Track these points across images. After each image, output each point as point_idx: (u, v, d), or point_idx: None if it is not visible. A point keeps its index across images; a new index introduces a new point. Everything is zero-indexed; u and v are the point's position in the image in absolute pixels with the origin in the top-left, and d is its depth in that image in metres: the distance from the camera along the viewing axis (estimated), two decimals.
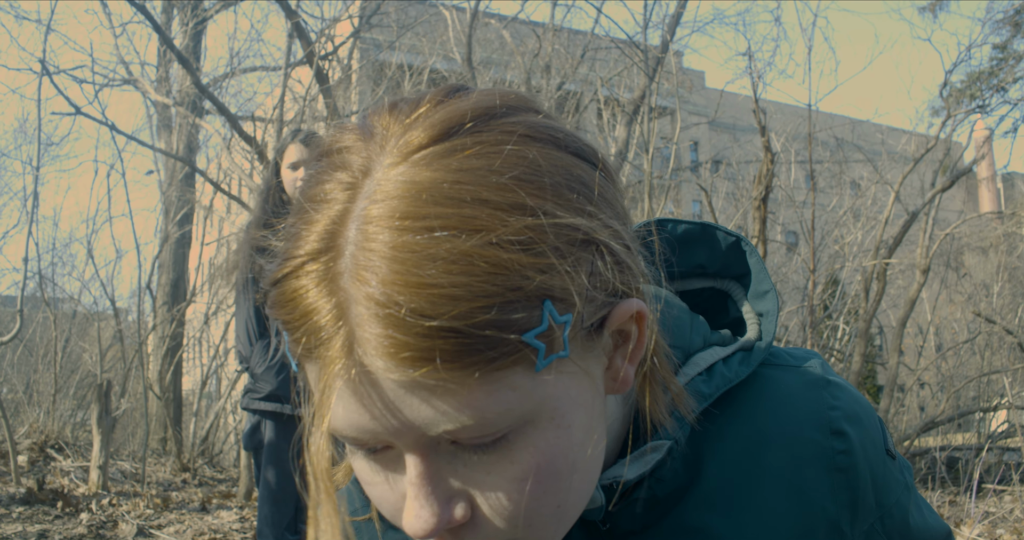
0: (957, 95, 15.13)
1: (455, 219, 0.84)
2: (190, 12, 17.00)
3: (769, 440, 1.20)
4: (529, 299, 0.86)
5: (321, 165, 0.96)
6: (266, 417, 5.70)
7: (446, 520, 0.93)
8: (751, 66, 10.66)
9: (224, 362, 18.08)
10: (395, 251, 0.83)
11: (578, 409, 0.96)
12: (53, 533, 7.84)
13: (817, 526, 1.19)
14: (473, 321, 0.83)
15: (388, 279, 0.83)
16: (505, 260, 0.84)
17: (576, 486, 0.98)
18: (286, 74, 12.30)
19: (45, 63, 11.57)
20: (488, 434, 0.89)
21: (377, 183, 0.88)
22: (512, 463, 0.92)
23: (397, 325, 0.82)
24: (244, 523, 8.67)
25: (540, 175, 0.91)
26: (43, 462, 12.34)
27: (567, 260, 0.89)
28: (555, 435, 0.93)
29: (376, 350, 0.84)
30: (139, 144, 17.32)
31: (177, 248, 18.05)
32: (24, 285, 11.58)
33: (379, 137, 0.93)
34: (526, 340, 0.86)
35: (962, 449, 12.03)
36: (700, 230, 1.34)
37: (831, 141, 17.07)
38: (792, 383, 1.25)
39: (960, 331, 18.67)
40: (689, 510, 1.18)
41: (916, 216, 11.45)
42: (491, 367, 0.85)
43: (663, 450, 1.13)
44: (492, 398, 0.87)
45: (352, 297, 0.85)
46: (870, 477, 1.23)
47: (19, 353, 18.95)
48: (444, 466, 0.93)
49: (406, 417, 0.87)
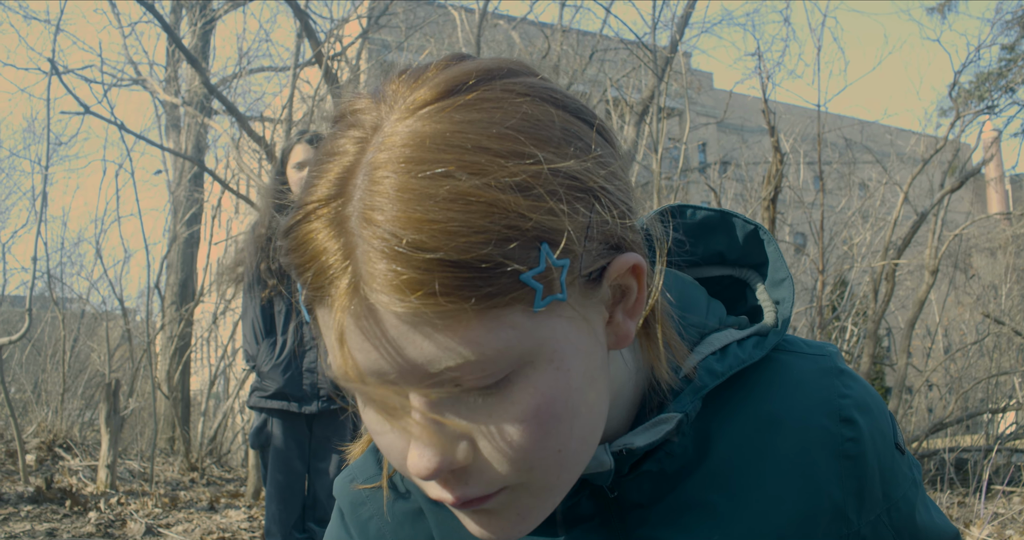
0: (966, 96, 15.11)
1: (456, 163, 0.89)
2: (199, 12, 17.02)
3: (779, 423, 1.22)
4: (526, 239, 0.89)
5: (337, 126, 1.00)
6: (273, 415, 5.72)
7: (449, 461, 0.96)
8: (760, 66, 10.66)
9: (232, 362, 18.09)
10: (399, 192, 0.88)
11: (577, 354, 0.98)
12: (61, 532, 7.86)
13: (821, 511, 1.20)
14: (471, 255, 0.86)
15: (391, 217, 0.87)
16: (502, 201, 0.88)
17: (578, 433, 1.00)
18: (295, 74, 12.31)
19: (54, 63, 11.58)
20: (489, 373, 0.92)
21: (385, 135, 0.93)
22: (512, 404, 0.95)
23: (398, 259, 0.87)
24: (252, 522, 8.67)
25: (538, 128, 0.95)
26: (51, 461, 12.37)
27: (565, 206, 0.93)
28: (554, 377, 0.96)
29: (380, 285, 0.88)
30: (148, 143, 17.38)
31: (185, 248, 18.06)
32: (33, 285, 11.57)
33: (389, 98, 0.98)
34: (524, 280, 0.90)
35: (971, 450, 12.00)
36: (719, 217, 1.35)
37: (840, 142, 17.07)
38: (805, 369, 1.26)
39: (968, 332, 18.64)
40: (695, 486, 1.20)
41: (925, 217, 11.44)
42: (490, 303, 0.89)
43: (673, 422, 1.14)
44: (492, 334, 0.90)
45: (359, 237, 0.90)
46: (878, 467, 1.24)
47: (27, 352, 18.96)
48: (447, 408, 0.96)
49: (409, 354, 0.91)
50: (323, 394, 5.55)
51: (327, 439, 5.70)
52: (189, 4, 17.50)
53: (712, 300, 1.30)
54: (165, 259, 16.85)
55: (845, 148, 16.74)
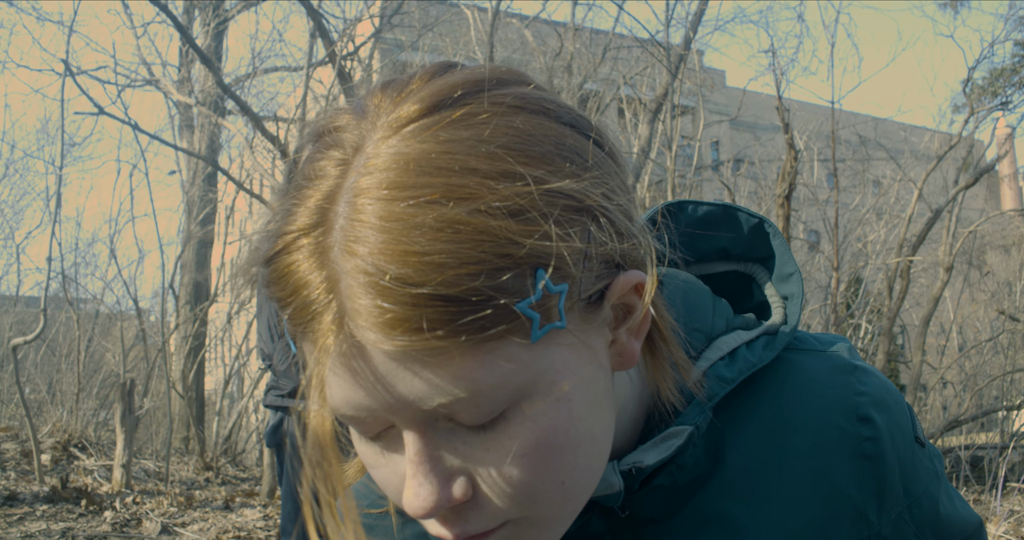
0: (979, 92, 15.05)
1: (443, 188, 0.84)
2: (212, 12, 17.04)
3: (793, 426, 1.18)
4: (520, 267, 0.85)
5: (317, 145, 0.96)
6: (289, 414, 5.72)
7: (446, 498, 0.92)
8: (774, 63, 10.65)
9: (246, 361, 18.11)
10: (382, 221, 0.83)
11: (579, 383, 0.94)
12: (77, 531, 7.87)
13: (841, 514, 1.17)
14: (461, 288, 0.82)
15: (376, 249, 0.83)
16: (493, 227, 0.83)
17: (582, 463, 0.96)
18: (308, 74, 12.32)
19: (68, 64, 11.60)
20: (484, 409, 0.88)
21: (368, 157, 0.88)
22: (511, 438, 0.91)
23: (384, 294, 0.82)
24: (268, 521, 8.69)
25: (530, 144, 0.90)
26: (66, 461, 12.38)
27: (560, 228, 0.88)
28: (555, 409, 0.92)
29: (365, 321, 0.84)
30: (162, 143, 17.41)
31: (199, 248, 18.08)
32: (47, 285, 11.59)
33: (371, 115, 0.93)
34: (519, 309, 0.85)
35: (986, 448, 11.98)
36: (722, 212, 1.32)
37: (854, 139, 17.04)
38: (818, 368, 1.23)
39: (983, 330, 18.59)
40: (710, 498, 1.16)
41: (940, 214, 11.42)
42: (483, 336, 0.84)
43: (684, 436, 1.11)
44: (486, 370, 0.86)
45: (342, 269, 0.85)
46: (898, 465, 1.21)
47: (42, 353, 19.00)
48: (443, 444, 0.92)
49: (399, 392, 0.87)
50: None
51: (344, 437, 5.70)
52: (202, 5, 17.52)
53: (718, 300, 1.27)
54: (179, 259, 16.87)
55: (859, 145, 16.71)
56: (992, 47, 13.08)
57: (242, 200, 20.66)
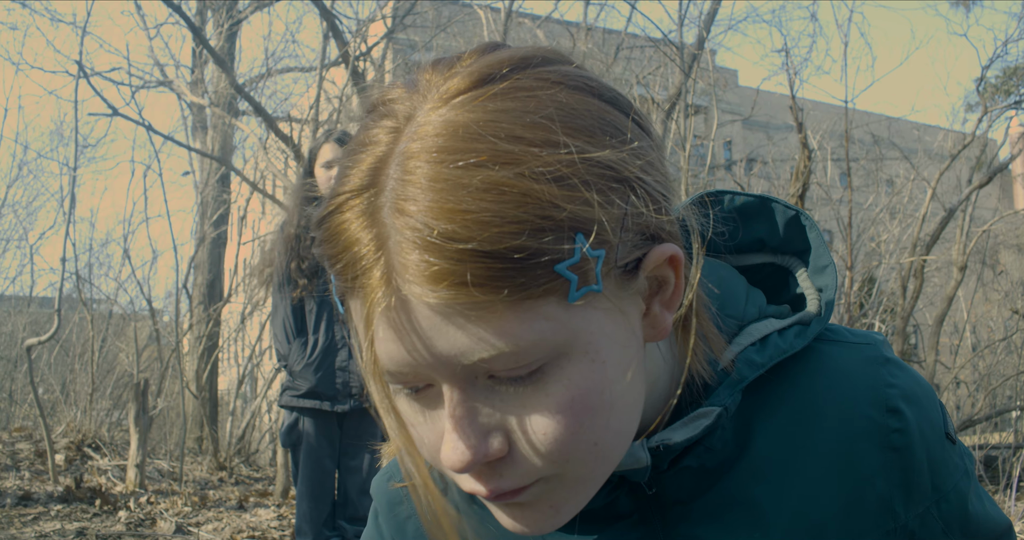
0: (993, 91, 15.01)
1: (489, 153, 0.89)
2: (225, 14, 17.05)
3: (822, 414, 1.19)
4: (560, 230, 0.89)
5: (371, 116, 1.01)
6: (304, 414, 5.74)
7: (483, 453, 0.96)
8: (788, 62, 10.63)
9: (260, 362, 18.12)
10: (431, 182, 0.88)
11: (613, 346, 0.98)
12: (91, 531, 7.88)
13: (866, 503, 1.18)
14: (504, 245, 0.87)
15: (424, 207, 0.88)
16: (536, 190, 0.88)
17: (614, 425, 1.00)
18: (321, 75, 12.33)
19: (82, 65, 11.62)
20: (523, 364, 0.92)
21: (419, 125, 0.93)
22: (547, 395, 0.95)
23: (431, 249, 0.87)
24: (282, 521, 8.69)
25: (573, 117, 0.95)
26: (80, 461, 12.40)
27: (600, 195, 0.93)
28: (589, 369, 0.96)
29: (412, 276, 0.89)
30: (176, 144, 17.42)
31: (213, 248, 18.09)
32: (62, 285, 11.62)
33: (423, 88, 0.99)
34: (558, 270, 0.89)
35: (1000, 448, 11.94)
36: (759, 203, 1.33)
37: (867, 138, 17.01)
38: (849, 359, 1.24)
39: (996, 329, 18.52)
40: (736, 482, 1.18)
41: (953, 213, 11.40)
42: (523, 293, 0.89)
43: (712, 416, 1.13)
44: (526, 326, 0.90)
45: (391, 227, 0.90)
46: (926, 459, 1.21)
47: (55, 353, 19.03)
48: (481, 401, 0.96)
49: (442, 346, 0.91)
50: (355, 392, 5.57)
51: (358, 437, 5.72)
52: (215, 6, 17.54)
53: (752, 289, 1.29)
54: (193, 260, 16.88)
55: (872, 144, 16.70)
56: (1006, 46, 13.04)
57: (256, 201, 20.68)
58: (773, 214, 1.33)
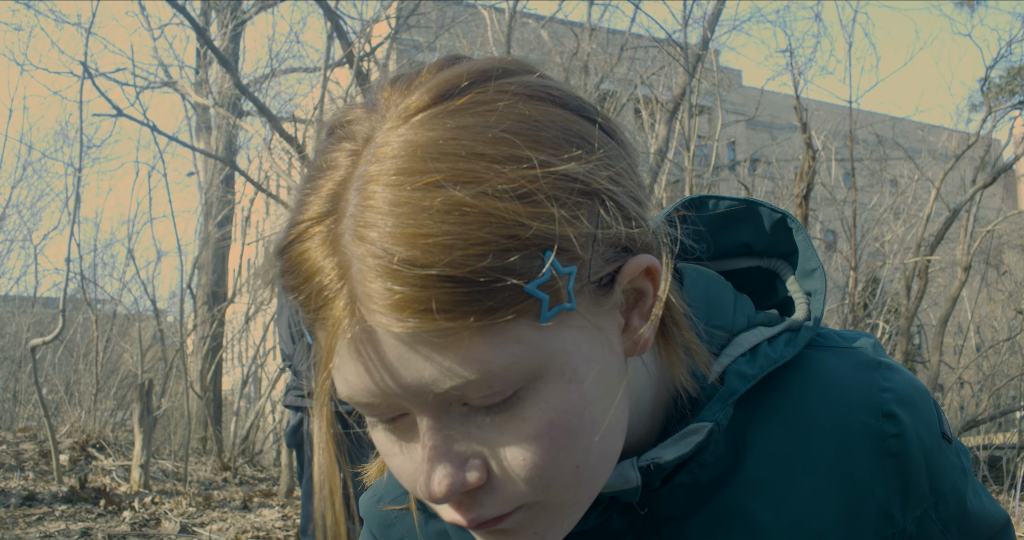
0: (997, 91, 14.99)
1: (449, 172, 0.86)
2: (229, 14, 17.06)
3: (816, 423, 1.18)
4: (528, 248, 0.86)
5: (330, 139, 0.98)
6: (309, 414, 5.73)
7: (460, 482, 0.93)
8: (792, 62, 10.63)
9: (264, 362, 18.13)
10: (391, 206, 0.85)
11: (591, 365, 0.95)
12: (96, 531, 7.89)
13: (865, 511, 1.17)
14: (468, 269, 0.83)
15: (384, 233, 0.85)
16: (499, 209, 0.85)
17: (596, 447, 0.97)
18: (325, 75, 12.33)
19: (86, 66, 11.64)
20: (497, 391, 0.89)
21: (377, 146, 0.90)
22: (524, 420, 0.92)
23: (393, 276, 0.84)
24: (286, 521, 8.70)
25: (536, 129, 0.92)
26: (84, 461, 12.42)
27: (567, 210, 0.89)
28: (567, 390, 0.93)
29: (376, 304, 0.86)
30: (180, 145, 17.39)
31: (217, 249, 18.11)
32: (66, 286, 11.64)
33: (381, 107, 0.95)
34: (528, 291, 0.86)
35: (1004, 448, 11.96)
36: (744, 207, 1.30)
37: (871, 139, 17.01)
38: (841, 365, 1.22)
39: (1001, 329, 18.54)
40: (732, 495, 1.16)
41: (958, 213, 11.39)
42: (492, 317, 0.86)
43: (704, 432, 1.11)
44: (497, 351, 0.87)
45: (353, 254, 0.87)
46: (924, 462, 1.19)
47: (60, 353, 19.05)
48: (457, 428, 0.93)
49: (411, 375, 0.88)
50: None
51: (363, 437, 5.72)
52: (219, 6, 17.55)
53: (739, 296, 1.27)
54: (197, 260, 16.89)
55: (876, 145, 16.70)
56: (1010, 46, 13.04)
57: (260, 201, 20.70)
58: (759, 217, 1.30)
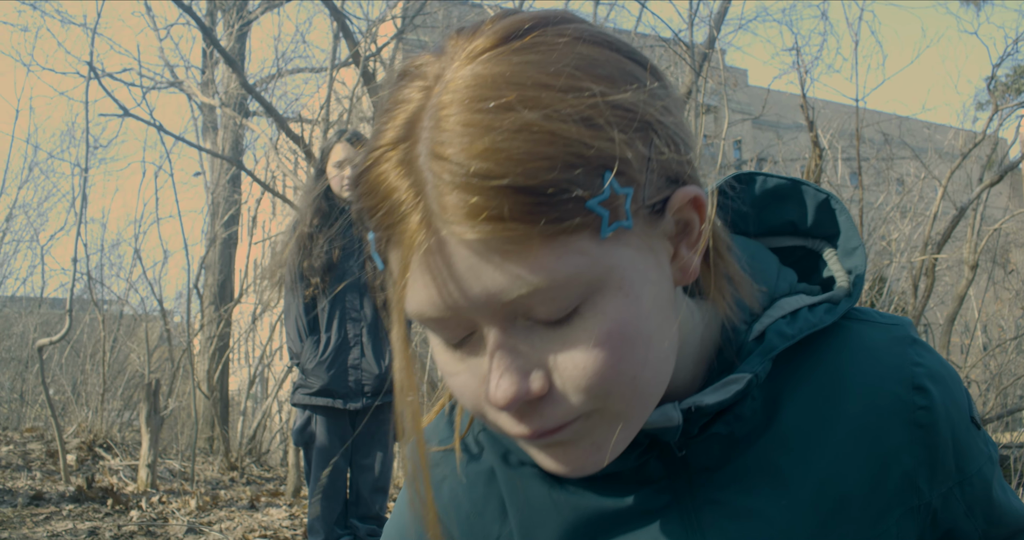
0: (1003, 89, 14.98)
1: (518, 98, 0.93)
2: (235, 14, 17.06)
3: (848, 388, 1.22)
4: (590, 167, 0.93)
5: (400, 81, 1.05)
6: (317, 412, 5.76)
7: (525, 390, 0.99)
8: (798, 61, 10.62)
9: (271, 362, 18.13)
10: (465, 127, 0.92)
11: (645, 284, 1.02)
12: (104, 530, 7.90)
13: (891, 478, 1.21)
14: (537, 180, 0.90)
15: (459, 150, 0.92)
16: (564, 130, 0.92)
17: (651, 361, 1.03)
18: (331, 75, 12.33)
19: (92, 66, 11.64)
20: (560, 302, 0.96)
21: (448, 81, 0.98)
22: (584, 331, 0.98)
23: (468, 188, 0.91)
24: (294, 520, 8.70)
25: (594, 67, 1.00)
26: (91, 461, 12.42)
27: (625, 136, 0.97)
28: (624, 303, 0.99)
29: (450, 215, 0.92)
30: (187, 145, 17.42)
31: (224, 249, 18.11)
32: (73, 286, 11.64)
33: (449, 51, 1.03)
34: (589, 206, 0.93)
35: (1011, 447, 11.92)
36: (791, 186, 1.36)
37: (877, 137, 16.96)
38: (877, 337, 1.27)
39: (1008, 328, 18.49)
40: (762, 450, 1.21)
41: (965, 211, 11.38)
42: (557, 228, 0.92)
43: (743, 382, 1.16)
44: (561, 261, 0.93)
45: (428, 172, 0.94)
46: (951, 439, 1.24)
47: (66, 354, 19.06)
48: (521, 340, 0.99)
49: (481, 286, 0.94)
50: (367, 391, 5.59)
51: (370, 435, 5.73)
52: (225, 6, 17.55)
53: (784, 268, 1.32)
54: (204, 260, 16.90)
55: (883, 143, 16.64)
56: (1016, 44, 13.01)
57: (267, 201, 20.69)
58: (804, 197, 1.36)
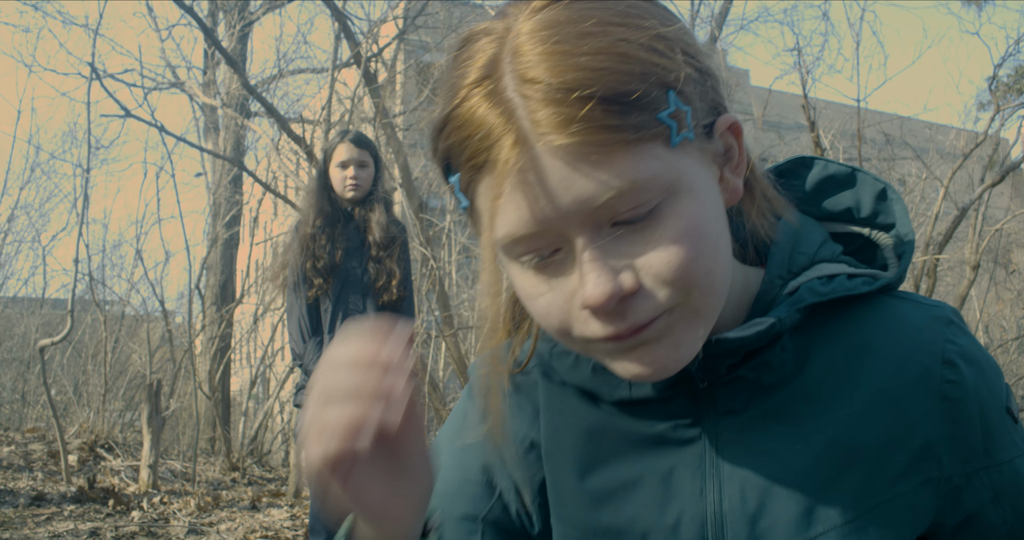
0: (1005, 90, 14.95)
1: (589, 30, 1.07)
2: (237, 15, 17.05)
3: (878, 353, 1.28)
4: (658, 85, 1.07)
5: (466, 44, 1.17)
6: None
7: (619, 288, 1.09)
8: (799, 61, 10.62)
9: (272, 363, 18.12)
10: (546, 55, 1.05)
11: (708, 190, 1.15)
12: (105, 531, 7.91)
13: (909, 443, 1.25)
14: (618, 92, 1.03)
15: (544, 72, 1.05)
16: (634, 53, 1.06)
17: (720, 261, 1.15)
18: (333, 76, 12.33)
19: (94, 67, 11.64)
20: (642, 202, 1.08)
21: (519, 30, 1.10)
22: (664, 229, 1.09)
23: (558, 102, 1.03)
24: (295, 521, 8.71)
25: (644, 10, 1.14)
26: (93, 461, 12.43)
27: (680, 63, 1.11)
28: (695, 204, 1.11)
29: (544, 127, 1.04)
30: (189, 145, 17.39)
31: (225, 249, 18.09)
32: (75, 286, 11.65)
33: (510, 13, 1.15)
34: (660, 118, 1.07)
35: None
36: (850, 173, 1.44)
37: (879, 138, 16.95)
38: (915, 314, 1.33)
39: (1009, 329, 18.49)
40: (786, 399, 1.28)
41: (966, 211, 11.37)
42: (636, 135, 1.05)
43: (766, 324, 1.23)
44: (641, 165, 1.06)
45: (517, 96, 1.06)
46: (980, 420, 1.27)
47: (68, 354, 19.05)
48: (609, 246, 1.10)
49: (573, 194, 1.06)
50: None
51: None
52: (227, 7, 17.54)
53: (831, 241, 1.39)
54: (205, 261, 16.89)
55: (884, 144, 16.62)
56: (1018, 44, 12.97)
57: (268, 202, 20.66)
58: (863, 185, 1.43)
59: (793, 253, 1.33)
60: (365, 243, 5.86)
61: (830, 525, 1.23)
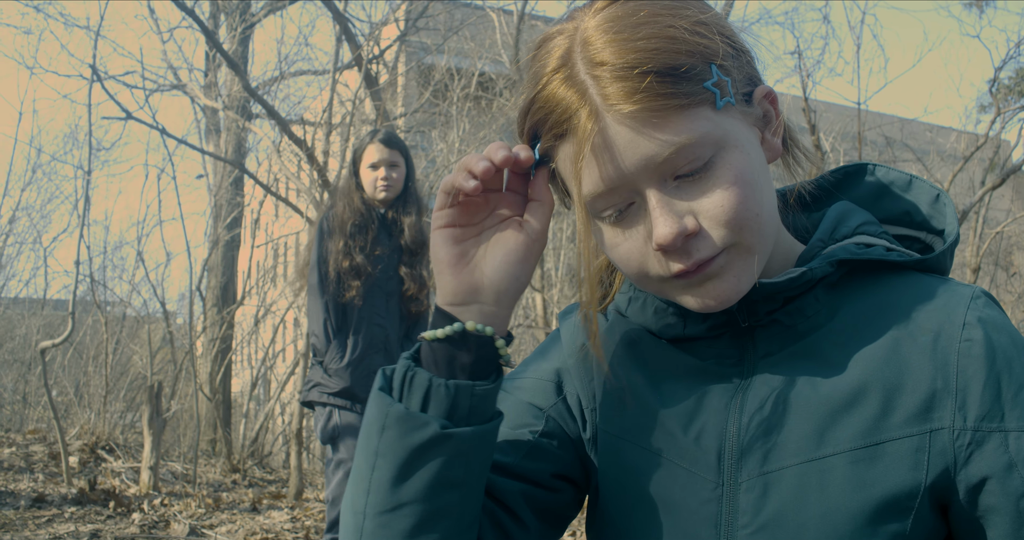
0: (1006, 92, 14.92)
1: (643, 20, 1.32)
2: (238, 17, 17.06)
3: (905, 311, 1.42)
4: (702, 60, 1.31)
5: (543, 42, 1.44)
6: (337, 407, 5.68)
7: (683, 228, 1.33)
8: (800, 64, 10.61)
9: (273, 364, 18.11)
10: (609, 44, 1.31)
11: (751, 145, 1.39)
12: (106, 533, 7.90)
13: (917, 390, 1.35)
14: (670, 66, 1.28)
15: (609, 57, 1.30)
16: (681, 36, 1.31)
17: (766, 205, 1.38)
18: (334, 78, 12.33)
19: (95, 69, 11.64)
20: (697, 156, 1.31)
21: (585, 27, 1.36)
22: (718, 178, 1.33)
23: (623, 78, 1.28)
24: (295, 523, 8.70)
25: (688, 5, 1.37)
26: (94, 463, 12.41)
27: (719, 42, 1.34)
28: (742, 156, 1.35)
29: (613, 99, 1.29)
30: (190, 147, 17.36)
31: (226, 251, 18.10)
32: (76, 288, 11.64)
33: (577, 16, 1.41)
34: (706, 86, 1.31)
35: None
36: (907, 180, 1.62)
37: (880, 140, 16.93)
38: (945, 286, 1.45)
39: None
40: (815, 341, 1.45)
41: (966, 215, 11.36)
42: (687, 101, 1.29)
43: (799, 273, 1.42)
44: (694, 124, 1.30)
45: (589, 78, 1.32)
46: (998, 383, 1.31)
47: (69, 355, 19.05)
48: (672, 196, 1.35)
49: (639, 154, 1.30)
50: None
51: None
52: (229, 9, 17.55)
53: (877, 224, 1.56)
54: (206, 262, 16.89)
55: (885, 146, 16.59)
56: (1019, 47, 12.97)
57: (269, 204, 20.67)
58: (920, 191, 1.60)
59: (838, 225, 1.53)
60: (396, 246, 5.86)
61: (840, 449, 1.36)
